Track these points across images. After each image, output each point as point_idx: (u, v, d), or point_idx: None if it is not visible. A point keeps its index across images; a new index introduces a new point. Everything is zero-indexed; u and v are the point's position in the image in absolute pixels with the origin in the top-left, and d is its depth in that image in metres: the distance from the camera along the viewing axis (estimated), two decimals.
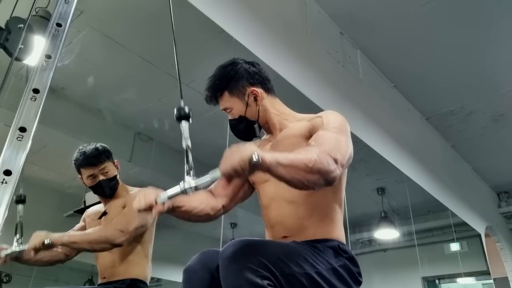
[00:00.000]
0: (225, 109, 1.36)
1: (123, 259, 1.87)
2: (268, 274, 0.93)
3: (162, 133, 4.19)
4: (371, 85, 3.33)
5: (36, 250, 1.58)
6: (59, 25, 0.99)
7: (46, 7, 2.09)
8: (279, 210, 1.25)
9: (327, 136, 1.17)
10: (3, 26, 1.66)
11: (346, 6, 2.90)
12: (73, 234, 1.80)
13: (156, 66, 3.29)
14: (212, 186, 1.38)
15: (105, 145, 1.96)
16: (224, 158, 0.91)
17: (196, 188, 0.97)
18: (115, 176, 1.94)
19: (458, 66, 3.43)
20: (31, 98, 0.87)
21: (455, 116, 4.09)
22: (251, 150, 0.90)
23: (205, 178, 0.96)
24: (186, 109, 1.08)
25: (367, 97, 3.23)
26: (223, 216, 1.38)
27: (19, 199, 1.65)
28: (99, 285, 1.90)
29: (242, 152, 0.90)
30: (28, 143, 0.84)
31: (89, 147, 1.89)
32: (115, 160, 1.99)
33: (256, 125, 1.36)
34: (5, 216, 0.77)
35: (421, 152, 3.83)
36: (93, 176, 1.88)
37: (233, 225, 5.93)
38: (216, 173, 0.93)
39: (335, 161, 1.06)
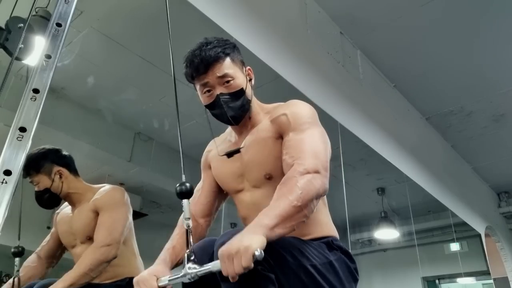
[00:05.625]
0: (224, 76, 1.15)
1: (109, 265, 1.73)
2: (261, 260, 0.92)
3: (162, 133, 4.19)
4: (371, 85, 3.33)
5: None
6: (59, 25, 0.99)
7: (46, 7, 2.09)
8: None
9: (301, 143, 1.08)
10: (3, 26, 1.66)
11: (346, 6, 2.90)
12: (67, 277, 1.65)
13: (156, 66, 3.29)
14: (191, 206, 1.29)
15: (39, 153, 1.80)
16: (224, 256, 0.85)
17: (197, 276, 0.94)
18: (47, 189, 1.78)
19: (458, 66, 3.43)
20: (31, 98, 0.87)
21: (455, 116, 4.09)
22: (253, 247, 0.82)
23: (207, 269, 0.92)
24: (188, 185, 0.97)
25: (367, 97, 3.22)
26: (223, 216, 1.37)
27: (16, 252, 1.54)
28: (96, 284, 1.79)
29: (245, 253, 0.82)
30: (28, 143, 0.84)
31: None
32: (58, 168, 1.82)
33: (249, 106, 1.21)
34: (5, 216, 0.77)
35: (421, 152, 3.83)
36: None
37: (233, 225, 5.94)
38: (217, 266, 0.89)
39: (318, 172, 1.01)
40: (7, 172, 0.79)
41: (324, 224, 1.20)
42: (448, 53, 3.29)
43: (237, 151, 1.21)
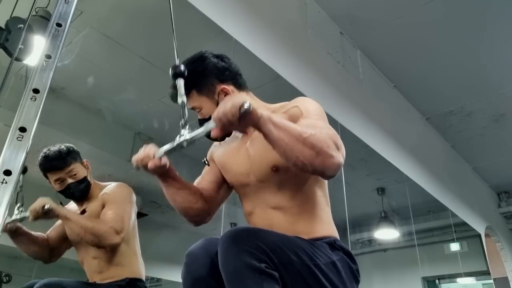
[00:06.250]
0: (193, 108, 1.28)
1: (111, 263, 1.76)
2: (265, 258, 0.92)
3: (162, 133, 4.19)
4: (371, 85, 3.33)
5: (36, 215, 1.54)
6: (59, 25, 0.99)
7: (46, 7, 2.10)
8: (265, 218, 1.19)
9: (318, 123, 1.09)
10: (3, 26, 1.66)
11: (346, 6, 2.90)
12: (72, 212, 1.71)
13: (156, 66, 3.29)
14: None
15: (70, 145, 1.84)
16: (219, 106, 0.94)
17: (191, 141, 0.99)
18: (85, 178, 1.83)
19: (458, 66, 3.43)
20: (31, 98, 0.87)
21: (455, 116, 4.09)
22: (243, 98, 0.93)
23: (200, 130, 0.98)
24: (182, 67, 1.11)
25: (367, 97, 3.23)
26: (223, 216, 1.37)
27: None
28: (96, 284, 1.79)
29: (234, 99, 0.93)
30: (28, 143, 0.84)
31: (53, 149, 1.77)
32: (84, 160, 1.88)
33: None
34: (5, 216, 0.77)
35: (421, 152, 3.83)
36: (61, 180, 1.77)
37: (233, 225, 5.94)
38: (210, 124, 0.95)
39: (337, 146, 1.00)
40: (7, 172, 0.79)
41: (327, 224, 1.20)
42: (448, 53, 3.29)
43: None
